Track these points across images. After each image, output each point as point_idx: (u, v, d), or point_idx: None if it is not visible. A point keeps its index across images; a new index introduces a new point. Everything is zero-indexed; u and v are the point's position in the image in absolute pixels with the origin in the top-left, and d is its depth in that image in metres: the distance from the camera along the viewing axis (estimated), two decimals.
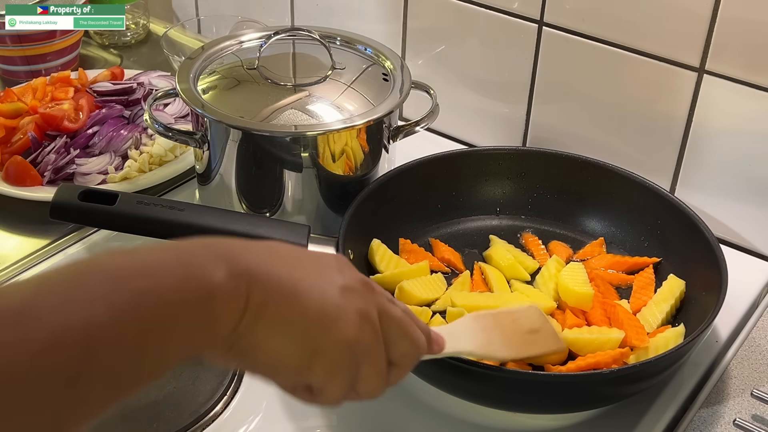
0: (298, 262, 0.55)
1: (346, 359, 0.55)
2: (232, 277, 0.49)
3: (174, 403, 0.79)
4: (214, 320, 0.48)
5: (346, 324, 0.54)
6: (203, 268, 0.48)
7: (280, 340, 0.52)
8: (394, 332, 0.58)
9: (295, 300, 0.53)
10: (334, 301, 0.54)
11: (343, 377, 0.55)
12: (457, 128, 1.21)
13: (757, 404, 0.80)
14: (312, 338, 0.53)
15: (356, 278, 0.58)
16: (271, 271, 0.52)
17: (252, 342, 0.51)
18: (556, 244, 0.98)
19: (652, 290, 0.90)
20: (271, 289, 0.51)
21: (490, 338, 0.72)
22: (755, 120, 0.96)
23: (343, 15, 1.26)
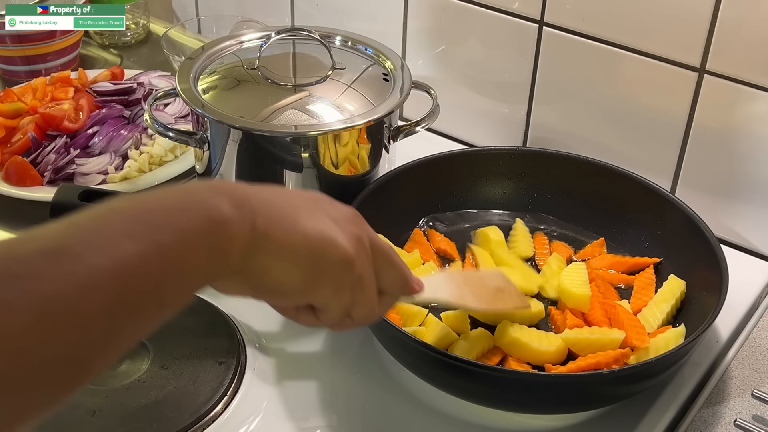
0: (293, 195, 0.60)
1: (346, 276, 0.59)
2: (236, 207, 0.53)
3: (174, 403, 0.79)
4: (226, 247, 0.52)
5: (344, 245, 0.58)
6: (210, 202, 0.52)
7: (286, 263, 0.56)
8: (383, 260, 0.63)
9: (296, 224, 0.57)
10: (331, 225, 0.58)
11: (343, 296, 0.60)
12: (457, 128, 1.21)
13: (758, 404, 0.80)
14: (314, 258, 0.57)
15: (348, 209, 0.62)
16: (270, 202, 0.56)
17: (260, 266, 0.55)
18: (557, 244, 0.98)
19: (653, 290, 0.90)
20: (272, 216, 0.55)
21: (462, 291, 0.77)
22: (755, 120, 0.96)
23: (343, 15, 1.26)
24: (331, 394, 0.83)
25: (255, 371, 0.84)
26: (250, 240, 0.53)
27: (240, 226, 0.53)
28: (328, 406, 0.82)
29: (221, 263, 0.52)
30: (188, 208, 0.51)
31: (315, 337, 0.89)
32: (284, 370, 0.85)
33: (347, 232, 0.59)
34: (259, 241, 0.54)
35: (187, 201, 0.51)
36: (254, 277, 0.56)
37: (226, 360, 0.84)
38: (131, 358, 0.83)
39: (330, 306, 0.60)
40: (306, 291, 0.58)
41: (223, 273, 0.53)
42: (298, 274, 0.57)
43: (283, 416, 0.81)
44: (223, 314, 0.89)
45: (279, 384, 0.84)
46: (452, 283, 0.77)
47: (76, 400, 0.78)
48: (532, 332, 0.82)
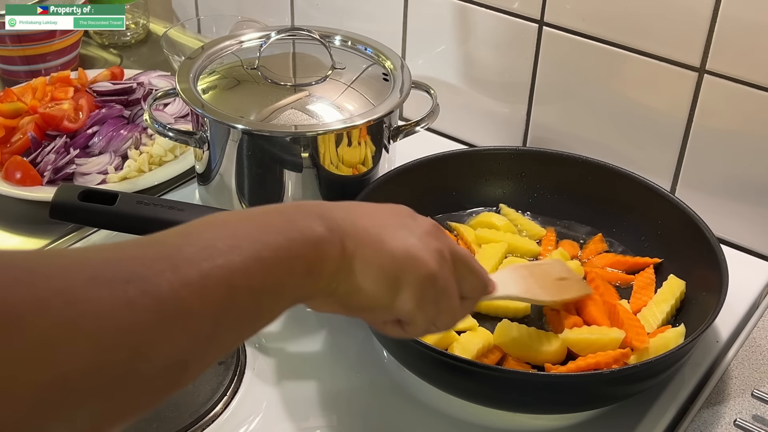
0: (376, 213, 0.63)
1: (431, 292, 0.62)
2: (328, 229, 0.56)
3: (174, 403, 0.79)
4: (319, 268, 0.55)
5: (427, 261, 0.61)
6: (306, 224, 0.55)
7: (374, 281, 0.59)
8: (463, 268, 0.65)
9: (381, 245, 0.60)
10: (414, 242, 0.61)
11: (428, 309, 0.62)
12: (457, 128, 1.21)
13: (758, 404, 0.80)
14: (400, 276, 0.60)
15: (429, 222, 0.65)
16: (357, 223, 0.59)
17: (350, 286, 0.58)
18: (564, 243, 0.98)
19: (653, 290, 0.90)
20: (360, 237, 0.58)
21: (529, 284, 0.80)
22: (755, 120, 0.96)
23: (343, 15, 1.26)
24: (331, 394, 0.83)
25: (255, 371, 0.84)
26: (340, 261, 0.57)
27: (331, 248, 0.56)
28: (328, 406, 0.82)
29: (314, 283, 0.55)
30: (286, 228, 0.53)
31: (315, 337, 0.89)
32: (284, 370, 0.85)
33: (429, 247, 0.62)
34: (349, 262, 0.57)
35: (284, 222, 0.54)
36: (344, 297, 0.59)
37: (226, 360, 0.83)
38: None
39: (416, 319, 0.62)
40: (393, 307, 0.61)
41: (315, 292, 0.57)
42: (385, 292, 0.60)
43: (283, 416, 0.81)
44: None
45: (279, 384, 0.84)
46: (519, 278, 0.80)
47: None
48: (532, 332, 0.82)
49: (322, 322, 0.91)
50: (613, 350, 0.80)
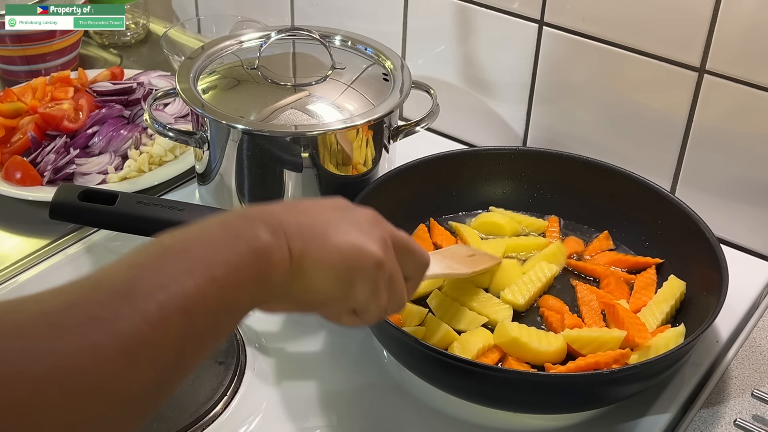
0: (317, 209, 0.63)
1: (381, 280, 0.63)
2: (273, 234, 0.56)
3: (174, 403, 0.79)
4: (269, 275, 0.56)
5: (374, 250, 0.62)
6: (251, 233, 0.55)
7: (325, 278, 0.60)
8: (404, 251, 0.67)
9: (328, 240, 0.60)
10: (358, 234, 0.62)
11: (381, 296, 0.64)
12: (457, 128, 1.21)
13: (758, 404, 0.80)
14: (350, 268, 0.61)
15: (368, 213, 0.66)
16: (300, 222, 0.60)
17: (301, 284, 0.59)
18: (571, 239, 0.98)
19: (653, 291, 0.90)
20: (305, 236, 0.59)
21: (447, 264, 0.87)
22: (755, 120, 0.96)
23: (343, 15, 1.26)
24: (331, 394, 0.83)
25: (255, 371, 0.84)
26: (289, 264, 0.57)
27: (279, 253, 0.56)
28: (328, 406, 0.82)
29: (266, 289, 0.56)
30: (232, 242, 0.54)
31: (315, 337, 0.89)
32: (284, 370, 0.85)
33: (373, 236, 0.63)
34: (298, 263, 0.58)
35: (229, 235, 0.54)
36: (297, 296, 0.60)
37: (226, 360, 0.83)
38: None
39: (369, 307, 0.64)
40: (346, 298, 0.62)
41: (268, 297, 0.57)
42: (337, 286, 0.61)
43: (283, 416, 0.80)
44: None
45: (279, 384, 0.84)
46: (437, 260, 0.84)
47: None
48: (532, 332, 0.82)
49: (322, 322, 0.91)
50: (613, 350, 0.80)
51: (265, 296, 0.57)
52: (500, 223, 0.98)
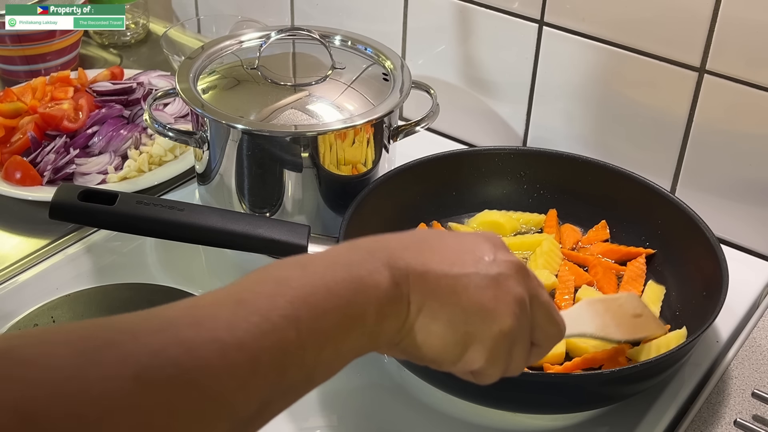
0: (453, 253, 0.57)
1: (505, 347, 0.57)
2: (395, 284, 0.53)
3: None
4: (381, 327, 0.52)
5: (504, 315, 0.56)
6: (371, 279, 0.52)
7: (440, 338, 0.55)
8: (542, 316, 0.60)
9: (453, 296, 0.55)
10: (491, 292, 0.56)
11: (500, 362, 0.58)
12: (457, 128, 1.21)
13: (758, 404, 0.80)
14: (472, 331, 0.56)
15: (511, 263, 0.58)
16: (428, 270, 0.55)
17: (415, 340, 0.55)
18: (567, 227, 0.99)
19: (641, 283, 0.91)
20: (429, 289, 0.54)
21: (604, 321, 0.76)
22: (755, 120, 0.96)
23: (343, 15, 1.26)
24: (331, 394, 0.83)
25: None
26: (404, 319, 0.54)
27: (396, 306, 0.53)
28: (328, 406, 0.82)
29: (374, 341, 0.53)
30: (351, 289, 0.51)
31: None
32: None
33: (508, 296, 0.57)
34: (413, 319, 0.54)
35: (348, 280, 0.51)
36: (407, 350, 0.56)
37: None
38: None
39: (487, 373, 0.59)
40: (459, 362, 0.57)
41: (374, 348, 0.54)
42: (452, 348, 0.56)
43: (283, 416, 0.79)
44: None
45: None
46: (594, 314, 0.77)
47: None
48: None
49: None
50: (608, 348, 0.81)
51: (372, 346, 0.53)
52: (500, 222, 0.98)
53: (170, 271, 0.96)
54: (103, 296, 0.90)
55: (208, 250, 0.97)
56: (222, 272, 0.98)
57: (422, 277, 0.54)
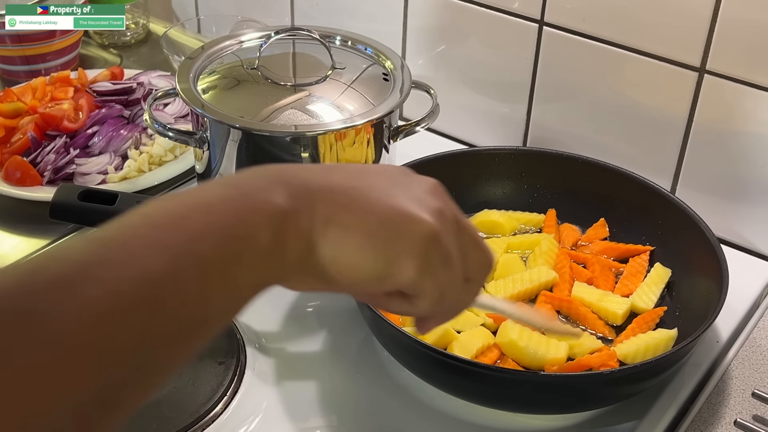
0: (361, 173, 0.53)
1: (433, 253, 0.51)
2: (293, 195, 0.47)
3: (174, 403, 0.79)
4: (281, 246, 0.46)
5: (425, 219, 0.51)
6: (261, 196, 0.46)
7: (357, 250, 0.49)
8: (468, 241, 0.54)
9: (365, 204, 0.50)
10: (407, 201, 0.51)
11: (435, 273, 0.51)
12: (457, 128, 1.21)
13: (758, 404, 0.80)
14: (392, 237, 0.50)
15: (430, 181, 0.54)
16: (333, 184, 0.50)
17: (326, 256, 0.48)
18: (566, 227, 0.99)
19: (641, 278, 0.91)
20: (336, 199, 0.49)
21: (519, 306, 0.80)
22: (755, 120, 0.96)
23: (343, 15, 1.26)
24: (331, 394, 0.83)
25: (255, 371, 0.84)
26: (309, 232, 0.47)
27: (298, 220, 0.47)
28: (328, 406, 0.82)
29: (277, 265, 0.47)
30: (236, 209, 0.45)
31: (315, 337, 0.89)
32: (284, 370, 0.85)
33: (428, 205, 0.52)
34: (322, 230, 0.48)
35: (235, 199, 0.45)
36: (322, 270, 0.49)
37: (226, 360, 0.83)
38: None
39: (423, 288, 0.52)
40: (387, 275, 0.50)
41: (281, 274, 0.48)
42: (373, 261, 0.49)
43: (283, 416, 0.80)
44: None
45: (279, 384, 0.84)
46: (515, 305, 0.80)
47: None
48: (533, 336, 0.82)
49: (322, 323, 0.91)
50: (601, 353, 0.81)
51: (276, 273, 0.47)
52: (500, 222, 0.98)
53: None
54: None
55: None
56: None
57: (327, 190, 0.49)
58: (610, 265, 0.94)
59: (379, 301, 0.55)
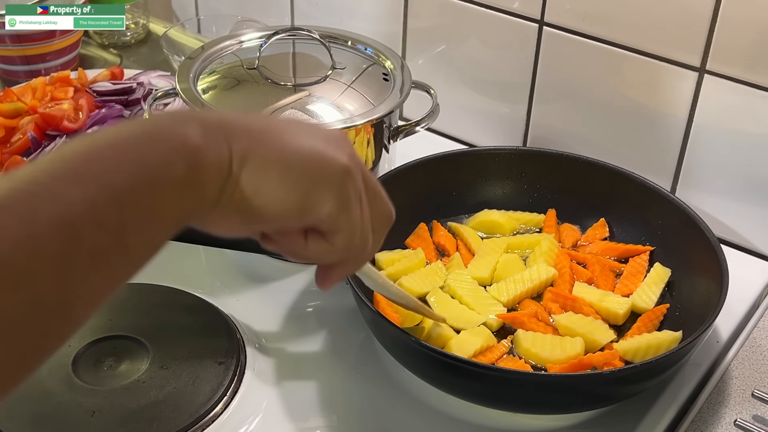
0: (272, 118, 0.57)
1: (349, 187, 0.54)
2: (207, 130, 0.48)
3: (174, 403, 0.79)
4: (198, 179, 0.47)
5: (340, 154, 0.53)
6: (175, 130, 0.47)
7: (277, 180, 0.51)
8: (372, 190, 0.58)
9: (282, 141, 0.52)
10: (321, 141, 0.54)
11: (350, 208, 0.54)
12: (457, 128, 1.21)
13: (758, 405, 0.80)
14: (310, 171, 0.52)
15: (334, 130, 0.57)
16: (248, 124, 0.51)
17: (246, 189, 0.50)
18: (566, 227, 0.99)
19: (641, 279, 0.91)
20: (253, 137, 0.50)
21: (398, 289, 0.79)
22: (755, 120, 0.96)
23: (343, 15, 1.26)
24: (331, 394, 0.83)
25: (255, 371, 0.84)
26: (228, 164, 0.49)
27: (214, 152, 0.48)
28: (328, 406, 0.82)
29: (195, 197, 0.48)
30: (148, 140, 0.46)
31: (315, 337, 0.89)
32: (284, 370, 0.85)
33: (341, 147, 0.55)
34: (240, 164, 0.49)
35: (147, 133, 0.46)
36: (240, 205, 0.50)
37: (226, 360, 0.83)
38: (131, 359, 0.83)
39: (339, 223, 0.54)
40: (306, 209, 0.52)
41: (201, 207, 0.49)
42: (293, 192, 0.52)
43: (283, 416, 0.80)
44: (222, 314, 0.89)
45: (279, 384, 0.84)
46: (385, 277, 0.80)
47: (76, 400, 0.78)
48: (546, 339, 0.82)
49: (322, 323, 0.91)
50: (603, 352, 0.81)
51: (194, 206, 0.48)
52: (500, 222, 0.98)
53: (170, 271, 0.95)
54: None
55: (208, 250, 0.97)
56: (222, 272, 0.98)
57: (242, 128, 0.50)
58: (610, 265, 0.94)
59: (297, 244, 0.56)
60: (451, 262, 0.93)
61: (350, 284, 0.81)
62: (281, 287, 0.95)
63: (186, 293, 0.91)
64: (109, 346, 0.84)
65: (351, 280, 0.81)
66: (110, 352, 0.84)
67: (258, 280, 0.96)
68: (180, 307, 0.90)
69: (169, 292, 0.91)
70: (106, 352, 0.84)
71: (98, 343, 0.85)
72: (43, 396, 0.79)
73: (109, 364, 0.83)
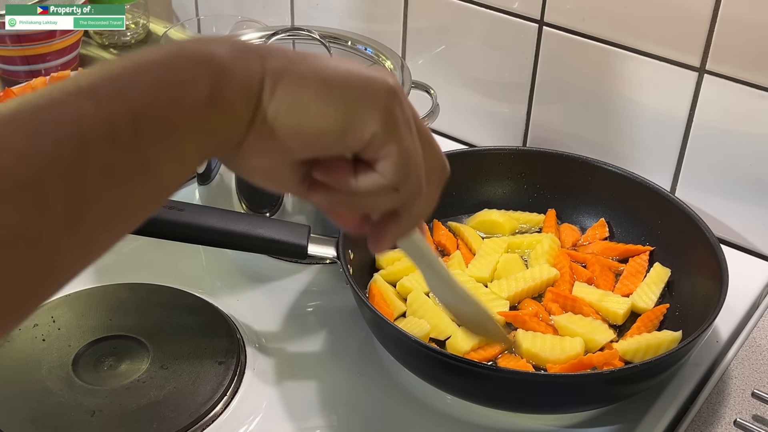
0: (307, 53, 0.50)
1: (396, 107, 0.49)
2: (235, 51, 0.45)
3: (173, 403, 0.79)
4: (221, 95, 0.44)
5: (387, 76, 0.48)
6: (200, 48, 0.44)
7: (314, 95, 0.46)
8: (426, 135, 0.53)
9: (320, 61, 0.47)
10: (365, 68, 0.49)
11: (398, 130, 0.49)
12: (457, 128, 1.21)
13: (758, 404, 0.80)
14: (351, 88, 0.47)
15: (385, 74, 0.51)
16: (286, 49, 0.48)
17: (282, 106, 0.46)
18: (566, 227, 0.99)
19: (641, 279, 0.91)
20: (290, 56, 0.47)
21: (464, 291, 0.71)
22: (755, 120, 0.96)
23: (343, 15, 1.26)
24: (331, 394, 0.83)
25: (255, 371, 0.84)
26: (257, 83, 0.45)
27: (240, 70, 0.45)
28: (328, 406, 0.82)
29: (223, 118, 0.44)
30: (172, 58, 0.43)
31: (315, 337, 0.89)
32: (284, 370, 0.85)
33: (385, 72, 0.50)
34: (275, 81, 0.45)
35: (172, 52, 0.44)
36: (276, 125, 0.46)
37: (226, 360, 0.83)
38: (131, 358, 0.83)
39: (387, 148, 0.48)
40: (348, 128, 0.47)
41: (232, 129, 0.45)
42: (332, 106, 0.46)
43: (283, 416, 0.80)
44: (222, 314, 0.89)
45: (279, 384, 0.84)
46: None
47: (76, 400, 0.78)
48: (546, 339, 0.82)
49: (322, 323, 0.91)
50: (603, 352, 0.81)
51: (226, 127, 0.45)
52: (500, 222, 0.98)
53: (170, 271, 0.96)
54: (103, 296, 0.90)
55: (208, 250, 0.97)
56: (222, 272, 0.98)
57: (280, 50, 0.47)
58: (610, 265, 0.94)
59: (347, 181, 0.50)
60: (452, 262, 0.93)
61: (350, 284, 0.81)
62: (281, 287, 0.95)
63: (186, 293, 0.91)
64: (110, 346, 0.84)
65: (351, 281, 0.81)
66: (110, 352, 0.84)
67: (258, 280, 0.96)
68: (180, 307, 0.90)
69: (170, 292, 0.91)
70: (107, 352, 0.84)
71: (98, 342, 0.85)
72: (43, 396, 0.79)
73: (110, 363, 0.83)
